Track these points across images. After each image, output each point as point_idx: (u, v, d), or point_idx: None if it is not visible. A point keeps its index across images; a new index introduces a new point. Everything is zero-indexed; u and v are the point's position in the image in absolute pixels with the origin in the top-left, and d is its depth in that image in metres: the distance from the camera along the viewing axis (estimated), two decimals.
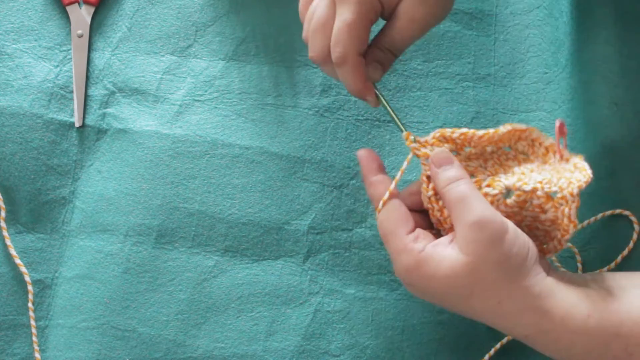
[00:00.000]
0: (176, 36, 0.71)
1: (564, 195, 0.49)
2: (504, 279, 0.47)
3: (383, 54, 0.55)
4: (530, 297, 0.47)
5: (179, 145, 0.68)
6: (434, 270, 0.48)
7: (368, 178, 0.54)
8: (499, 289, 0.48)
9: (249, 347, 0.63)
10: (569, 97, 0.66)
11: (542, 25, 0.69)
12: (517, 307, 0.48)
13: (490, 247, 0.47)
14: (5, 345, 0.64)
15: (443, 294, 0.50)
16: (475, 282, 0.48)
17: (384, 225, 0.52)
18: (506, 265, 0.47)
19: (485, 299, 0.48)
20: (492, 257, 0.47)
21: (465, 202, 0.49)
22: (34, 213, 0.67)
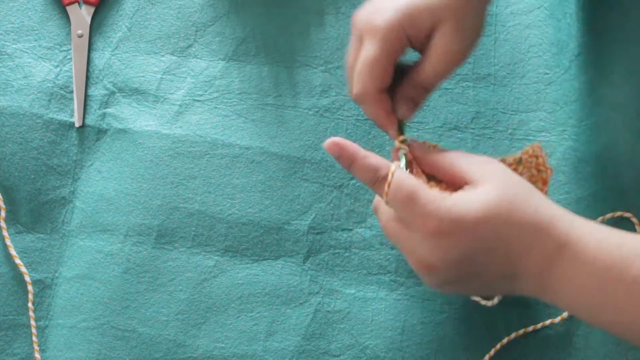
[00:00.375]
0: (176, 36, 0.71)
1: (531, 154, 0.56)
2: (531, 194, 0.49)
3: (415, 91, 0.54)
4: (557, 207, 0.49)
5: (179, 145, 0.68)
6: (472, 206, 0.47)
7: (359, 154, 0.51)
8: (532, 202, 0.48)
9: (249, 347, 0.63)
10: (571, 98, 0.66)
11: (542, 25, 0.69)
12: (551, 213, 0.48)
13: (506, 172, 0.50)
14: (5, 345, 0.64)
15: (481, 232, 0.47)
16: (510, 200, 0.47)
17: (403, 187, 0.49)
18: (526, 185, 0.49)
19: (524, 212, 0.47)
20: (513, 179, 0.49)
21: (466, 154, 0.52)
22: (34, 213, 0.67)
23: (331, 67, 0.69)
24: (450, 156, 0.51)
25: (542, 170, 0.56)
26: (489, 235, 0.48)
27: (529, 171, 0.56)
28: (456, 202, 0.47)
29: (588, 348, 0.61)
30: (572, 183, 0.64)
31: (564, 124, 0.66)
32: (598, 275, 0.46)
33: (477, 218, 0.47)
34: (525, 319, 0.62)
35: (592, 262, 0.46)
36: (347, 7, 0.71)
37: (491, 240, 0.48)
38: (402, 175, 0.49)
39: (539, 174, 0.56)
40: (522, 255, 0.48)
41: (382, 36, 0.51)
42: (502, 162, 0.54)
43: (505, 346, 0.62)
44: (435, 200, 0.48)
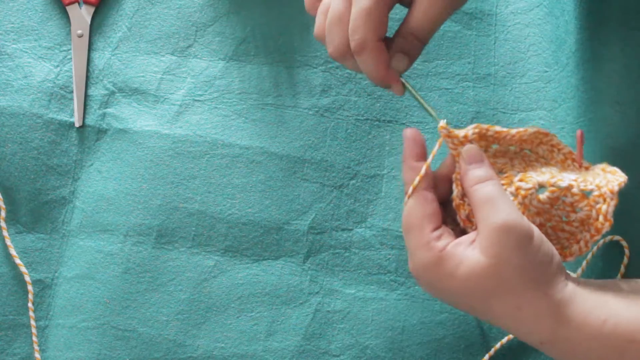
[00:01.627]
0: (176, 36, 0.71)
1: (601, 193, 0.49)
2: (526, 285, 0.46)
3: (407, 42, 0.52)
4: (551, 305, 0.47)
5: (179, 145, 0.68)
6: (454, 270, 0.47)
7: (408, 161, 0.52)
8: (520, 295, 0.47)
9: (249, 347, 0.63)
10: (569, 95, 0.66)
11: (542, 24, 0.69)
12: (536, 313, 0.47)
13: (514, 252, 0.46)
14: (5, 345, 0.64)
15: (460, 295, 0.48)
16: (495, 285, 0.47)
17: (411, 216, 0.50)
18: (529, 271, 0.46)
19: (505, 303, 0.47)
20: (516, 262, 0.46)
21: (492, 203, 0.48)
22: (34, 213, 0.67)
23: (331, 67, 0.69)
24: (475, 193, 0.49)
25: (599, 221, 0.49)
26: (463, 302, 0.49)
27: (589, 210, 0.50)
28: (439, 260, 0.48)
29: None
30: None
31: (562, 122, 0.66)
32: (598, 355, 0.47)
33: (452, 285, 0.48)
34: None
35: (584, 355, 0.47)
36: None
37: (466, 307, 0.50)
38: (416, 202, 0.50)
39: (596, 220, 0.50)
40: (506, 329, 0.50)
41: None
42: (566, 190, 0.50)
43: (505, 346, 0.62)
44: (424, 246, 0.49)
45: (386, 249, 0.65)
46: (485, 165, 0.50)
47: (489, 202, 0.48)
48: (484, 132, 0.52)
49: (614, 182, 0.50)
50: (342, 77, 0.69)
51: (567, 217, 0.51)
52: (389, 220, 0.65)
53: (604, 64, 0.64)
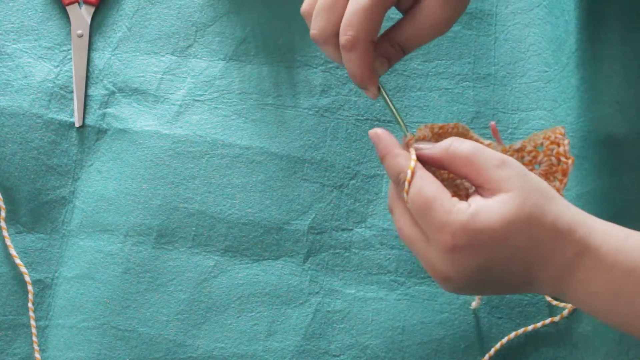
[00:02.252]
0: (176, 36, 0.71)
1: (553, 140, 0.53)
2: (550, 201, 0.47)
3: (393, 50, 0.52)
4: (576, 213, 0.48)
5: (179, 145, 0.68)
6: (490, 217, 0.46)
7: (391, 152, 0.50)
8: (551, 210, 0.47)
9: (249, 347, 0.63)
10: (569, 95, 0.66)
11: (542, 23, 0.69)
12: (569, 221, 0.47)
13: (524, 177, 0.47)
14: (5, 345, 0.64)
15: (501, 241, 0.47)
16: (530, 210, 0.46)
17: (423, 194, 0.48)
18: (544, 190, 0.48)
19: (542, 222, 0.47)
20: (531, 185, 0.47)
21: (480, 151, 0.48)
22: (34, 213, 0.67)
23: (331, 67, 0.69)
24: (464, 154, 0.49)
25: (562, 161, 0.54)
26: (507, 247, 0.47)
27: (548, 160, 0.54)
28: (473, 215, 0.47)
29: (588, 347, 0.61)
30: (571, 179, 0.64)
31: (562, 121, 0.66)
32: (615, 282, 0.46)
33: (495, 231, 0.46)
34: (525, 318, 0.62)
35: (610, 270, 0.46)
36: None
37: (509, 252, 0.47)
38: (423, 179, 0.48)
39: (559, 164, 0.54)
40: (541, 264, 0.48)
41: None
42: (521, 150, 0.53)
43: (505, 346, 0.62)
44: (452, 211, 0.47)
45: (386, 249, 0.65)
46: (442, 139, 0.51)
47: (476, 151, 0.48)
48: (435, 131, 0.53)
49: (556, 129, 0.53)
50: (342, 77, 0.69)
51: None
52: (389, 220, 0.65)
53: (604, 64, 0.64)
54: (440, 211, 0.47)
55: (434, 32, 0.51)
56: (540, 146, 0.54)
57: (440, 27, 0.51)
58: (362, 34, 0.49)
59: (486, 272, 0.48)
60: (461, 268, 0.48)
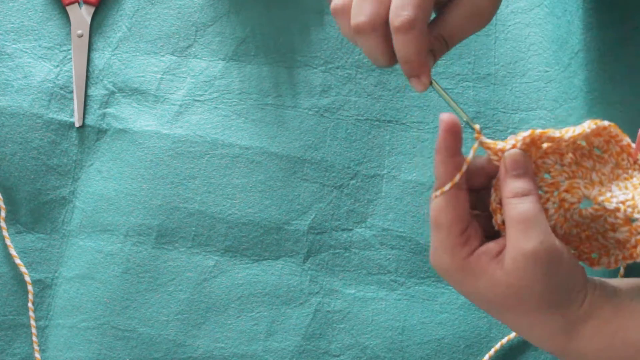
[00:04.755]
0: (176, 36, 0.71)
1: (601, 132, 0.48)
2: (544, 308, 0.46)
3: (437, 43, 0.49)
4: (566, 324, 0.46)
5: (179, 145, 0.68)
6: (474, 280, 0.46)
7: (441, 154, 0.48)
8: (536, 316, 0.46)
9: (249, 347, 0.63)
10: (572, 96, 0.66)
11: (543, 23, 0.68)
12: (550, 332, 0.46)
13: (539, 279, 0.45)
14: (5, 345, 0.64)
15: (477, 299, 0.48)
16: (513, 305, 0.46)
17: (440, 216, 0.47)
18: (549, 298, 0.45)
19: (519, 319, 0.47)
20: (539, 289, 0.45)
21: (526, 224, 0.45)
22: (34, 213, 0.67)
23: (331, 67, 0.69)
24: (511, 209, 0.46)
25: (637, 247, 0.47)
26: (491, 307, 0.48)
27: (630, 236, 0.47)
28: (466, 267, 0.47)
29: None
30: None
31: (564, 122, 0.66)
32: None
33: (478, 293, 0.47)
34: None
35: None
36: None
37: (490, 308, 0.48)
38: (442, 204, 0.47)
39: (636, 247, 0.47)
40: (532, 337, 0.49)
41: None
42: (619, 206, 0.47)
43: (505, 346, 0.62)
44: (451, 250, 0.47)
45: (386, 249, 0.65)
46: (527, 176, 0.47)
47: (522, 222, 0.45)
48: (535, 139, 0.48)
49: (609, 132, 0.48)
50: (342, 77, 0.69)
51: (604, 234, 0.49)
52: (389, 220, 0.65)
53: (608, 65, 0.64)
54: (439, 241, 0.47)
55: (477, 22, 0.49)
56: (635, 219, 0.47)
57: (482, 16, 0.49)
58: (420, 14, 0.45)
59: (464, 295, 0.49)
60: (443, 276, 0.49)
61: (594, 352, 0.46)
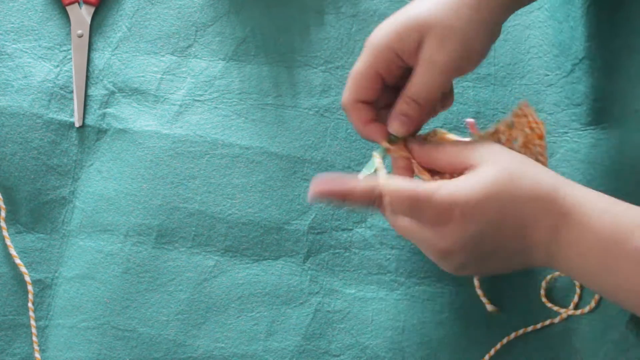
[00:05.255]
0: (176, 36, 0.71)
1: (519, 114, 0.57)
2: (528, 165, 0.51)
3: (407, 106, 0.55)
4: (557, 175, 0.51)
5: (179, 145, 0.68)
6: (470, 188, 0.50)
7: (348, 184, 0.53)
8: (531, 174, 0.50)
9: (249, 347, 0.63)
10: (576, 102, 0.66)
11: (543, 27, 0.69)
12: (552, 182, 0.50)
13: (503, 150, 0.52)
14: (5, 345, 0.64)
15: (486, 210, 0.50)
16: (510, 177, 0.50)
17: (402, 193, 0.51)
18: (524, 158, 0.52)
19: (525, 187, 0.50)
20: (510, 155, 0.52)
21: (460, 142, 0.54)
22: (34, 213, 0.67)
23: (331, 67, 0.69)
24: (448, 149, 0.54)
25: (534, 127, 0.57)
26: (494, 213, 0.50)
27: (522, 132, 0.57)
28: (456, 188, 0.50)
29: (587, 348, 0.61)
30: None
31: (565, 126, 0.66)
32: (600, 243, 0.48)
33: (478, 199, 0.49)
34: (525, 319, 0.62)
35: (595, 230, 0.48)
36: (347, 6, 0.71)
37: (497, 218, 0.50)
38: (395, 182, 0.52)
39: (532, 131, 0.57)
40: (529, 227, 0.50)
41: (368, 51, 0.54)
42: (496, 133, 0.57)
43: (505, 346, 0.62)
44: (435, 191, 0.50)
45: (386, 249, 0.65)
46: None
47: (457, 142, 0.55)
48: None
49: (519, 105, 0.57)
50: (342, 77, 0.69)
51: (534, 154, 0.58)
52: None
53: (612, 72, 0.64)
54: (425, 196, 0.50)
55: (432, 77, 0.53)
56: (511, 124, 0.57)
57: (437, 71, 0.53)
58: (348, 97, 0.55)
59: (481, 240, 0.51)
60: (457, 239, 0.51)
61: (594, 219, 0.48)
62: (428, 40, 0.52)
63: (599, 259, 0.48)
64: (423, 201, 0.50)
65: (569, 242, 0.49)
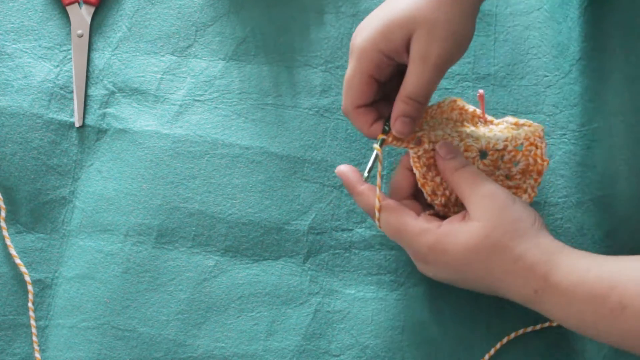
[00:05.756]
0: (176, 36, 0.71)
1: (532, 142, 0.59)
2: (519, 239, 0.52)
3: (407, 106, 0.55)
4: (543, 253, 0.52)
5: (179, 145, 0.68)
6: (455, 242, 0.53)
7: (356, 188, 0.58)
8: (515, 248, 0.52)
9: (249, 347, 0.63)
10: (572, 102, 0.66)
11: (542, 27, 0.69)
12: (531, 262, 0.52)
13: (502, 211, 0.53)
14: (5, 345, 0.64)
15: (463, 265, 0.54)
16: (493, 244, 0.52)
17: (390, 224, 0.56)
18: (518, 226, 0.53)
19: (503, 258, 0.52)
20: (506, 219, 0.53)
21: (477, 178, 0.55)
22: (34, 213, 0.67)
23: (331, 67, 0.69)
24: (459, 177, 0.56)
25: (539, 162, 0.59)
26: (469, 272, 0.54)
27: (527, 160, 0.59)
28: (439, 237, 0.54)
29: (587, 349, 0.61)
30: (571, 187, 0.64)
31: (564, 128, 0.66)
32: (577, 313, 0.51)
33: (455, 256, 0.53)
34: (525, 319, 0.62)
35: (570, 303, 0.51)
36: (347, 6, 0.71)
37: (471, 276, 0.55)
38: (389, 214, 0.56)
39: (535, 164, 0.59)
40: (504, 290, 0.54)
41: (356, 56, 0.55)
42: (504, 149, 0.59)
43: (505, 346, 0.62)
44: (420, 234, 0.55)
45: (386, 249, 0.65)
46: (460, 154, 0.57)
47: (475, 179, 0.55)
48: None
49: (536, 130, 0.59)
50: (342, 77, 0.69)
51: (509, 173, 0.60)
52: None
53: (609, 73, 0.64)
54: (409, 234, 0.55)
55: (427, 72, 0.54)
56: (520, 146, 0.59)
57: (432, 64, 0.54)
58: (347, 103, 0.57)
59: (457, 282, 0.57)
60: (434, 275, 0.58)
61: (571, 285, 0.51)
62: (417, 37, 0.53)
63: (579, 322, 0.52)
64: (409, 237, 0.55)
65: (546, 311, 0.53)
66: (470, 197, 0.54)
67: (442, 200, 0.59)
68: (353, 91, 0.56)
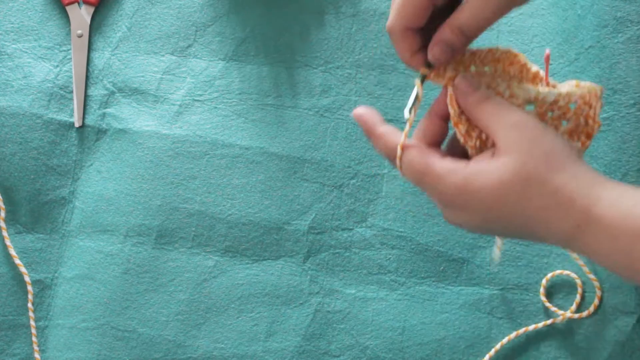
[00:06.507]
0: (176, 36, 0.71)
1: (586, 101, 0.52)
2: (555, 169, 0.48)
3: (452, 35, 0.51)
4: (583, 183, 0.48)
5: (179, 145, 0.68)
6: (485, 179, 0.48)
7: (376, 130, 0.52)
8: (552, 180, 0.48)
9: (249, 348, 0.63)
10: None
11: (546, 14, 0.68)
12: (571, 193, 0.47)
13: (534, 142, 0.48)
14: (5, 345, 0.64)
15: (495, 203, 0.49)
16: (527, 177, 0.48)
17: (414, 164, 0.51)
18: (554, 157, 0.48)
19: (539, 192, 0.48)
20: (539, 150, 0.48)
21: (503, 110, 0.50)
22: (34, 213, 0.67)
23: (331, 67, 0.69)
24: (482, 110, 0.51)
25: (590, 124, 0.54)
26: (503, 209, 0.49)
27: (577, 119, 0.54)
28: (468, 177, 0.49)
29: (590, 348, 0.61)
30: None
31: None
32: (624, 248, 0.47)
33: (488, 194, 0.48)
34: (525, 318, 0.61)
35: (616, 238, 0.47)
36: (347, 6, 0.71)
37: (506, 213, 0.49)
38: (413, 152, 0.51)
39: (586, 126, 0.54)
40: (541, 230, 0.49)
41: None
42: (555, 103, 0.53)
43: (505, 346, 0.62)
44: (447, 175, 0.49)
45: (386, 249, 0.65)
46: (482, 87, 0.52)
47: (500, 109, 0.50)
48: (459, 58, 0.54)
49: (593, 90, 0.53)
50: (342, 77, 0.69)
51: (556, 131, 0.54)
52: (390, 220, 0.65)
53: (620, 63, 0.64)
54: (433, 175, 0.49)
55: (485, 12, 0.50)
56: (573, 103, 0.53)
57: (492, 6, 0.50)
58: (393, 22, 0.51)
59: (488, 226, 0.51)
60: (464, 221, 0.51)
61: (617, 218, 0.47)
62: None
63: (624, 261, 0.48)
64: (433, 179, 0.50)
65: (588, 247, 0.49)
66: (497, 129, 0.49)
67: (477, 143, 0.53)
68: (408, 8, 0.51)
